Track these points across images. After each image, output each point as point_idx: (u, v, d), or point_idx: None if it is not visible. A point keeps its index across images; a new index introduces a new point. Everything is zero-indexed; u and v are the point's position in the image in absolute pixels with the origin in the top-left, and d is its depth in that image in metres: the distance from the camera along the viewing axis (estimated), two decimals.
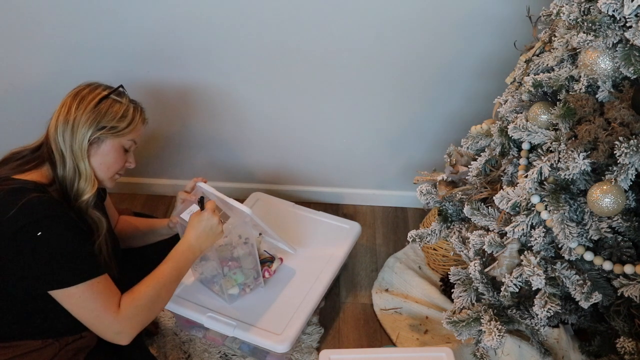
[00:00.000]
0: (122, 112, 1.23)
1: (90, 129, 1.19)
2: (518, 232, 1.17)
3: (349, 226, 1.79)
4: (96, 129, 1.20)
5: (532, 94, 1.24)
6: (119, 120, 1.22)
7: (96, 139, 1.21)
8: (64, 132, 1.19)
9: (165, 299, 1.27)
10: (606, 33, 1.02)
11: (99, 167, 1.24)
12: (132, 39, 1.70)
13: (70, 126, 1.18)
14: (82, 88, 1.23)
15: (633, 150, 0.98)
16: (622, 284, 1.11)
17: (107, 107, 1.21)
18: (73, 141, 1.19)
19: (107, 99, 1.22)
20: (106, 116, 1.21)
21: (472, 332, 1.30)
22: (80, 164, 1.20)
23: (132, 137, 1.27)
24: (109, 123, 1.21)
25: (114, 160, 1.26)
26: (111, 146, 1.24)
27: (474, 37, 1.65)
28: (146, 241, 1.54)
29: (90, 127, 1.19)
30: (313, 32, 1.65)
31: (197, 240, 1.31)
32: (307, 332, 1.63)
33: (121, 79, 1.76)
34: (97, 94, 1.22)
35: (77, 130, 1.19)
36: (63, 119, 1.19)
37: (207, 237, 1.32)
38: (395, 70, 1.74)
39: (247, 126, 1.92)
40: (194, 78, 1.79)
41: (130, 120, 1.24)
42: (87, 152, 1.21)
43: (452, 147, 1.53)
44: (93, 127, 1.19)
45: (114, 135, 1.22)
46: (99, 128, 1.20)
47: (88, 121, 1.19)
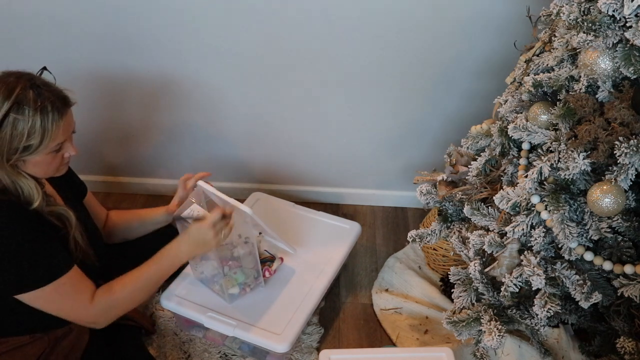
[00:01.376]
0: (28, 129, 1.07)
1: (3, 156, 1.09)
2: (518, 232, 1.17)
3: (349, 226, 1.79)
4: (10, 155, 1.09)
5: (532, 94, 1.24)
6: (28, 139, 1.08)
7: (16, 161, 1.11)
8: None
9: (141, 298, 1.28)
10: (606, 33, 1.02)
11: (36, 172, 1.16)
12: (140, 35, 1.70)
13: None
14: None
15: (633, 150, 0.98)
16: (622, 284, 1.11)
17: (11, 130, 1.07)
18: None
19: (7, 118, 1.06)
20: (12, 141, 1.07)
21: (472, 332, 1.30)
22: (15, 179, 1.12)
23: (55, 143, 1.13)
24: (19, 145, 1.08)
25: (48, 163, 1.16)
26: (37, 160, 1.13)
27: (474, 37, 1.65)
28: (142, 232, 1.53)
29: (2, 155, 1.08)
30: (313, 32, 1.65)
31: (188, 248, 1.31)
32: (307, 332, 1.63)
33: (122, 77, 1.78)
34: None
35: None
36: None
37: (198, 248, 1.32)
38: (395, 70, 1.74)
39: (247, 126, 1.92)
40: (195, 78, 1.79)
41: (42, 134, 1.09)
42: (16, 170, 1.12)
43: (452, 147, 1.53)
44: (5, 154, 1.09)
45: (31, 154, 1.11)
46: (12, 153, 1.09)
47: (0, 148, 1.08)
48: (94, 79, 1.79)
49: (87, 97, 1.82)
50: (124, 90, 1.83)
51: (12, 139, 1.07)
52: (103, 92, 1.83)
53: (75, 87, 1.18)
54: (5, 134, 1.07)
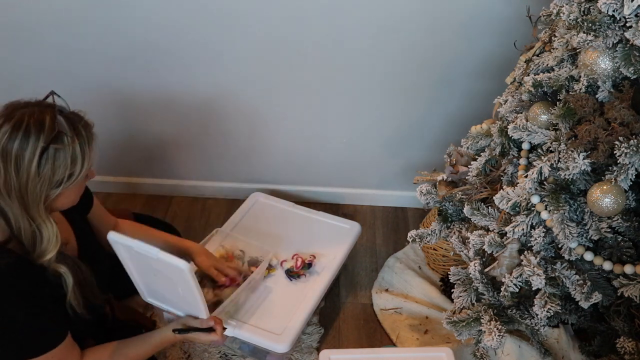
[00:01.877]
0: (71, 157, 1.02)
1: (42, 195, 1.03)
2: (518, 232, 1.17)
3: (349, 226, 1.79)
4: (51, 189, 1.04)
5: (532, 94, 1.24)
6: (72, 166, 1.03)
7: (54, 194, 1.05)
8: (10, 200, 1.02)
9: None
10: (606, 33, 1.02)
11: (65, 204, 1.11)
12: (127, 37, 1.69)
13: (15, 194, 1.01)
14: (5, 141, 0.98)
15: (633, 150, 0.98)
16: (622, 284, 1.11)
17: (52, 163, 1.01)
18: (27, 208, 1.03)
19: (47, 152, 1.00)
20: (55, 174, 1.02)
21: (472, 332, 1.30)
22: (41, 225, 1.05)
23: (89, 165, 1.08)
24: (62, 175, 1.03)
25: (79, 190, 1.13)
26: (72, 189, 1.08)
27: (474, 37, 1.65)
28: None
29: (42, 193, 1.03)
30: (312, 31, 1.65)
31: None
32: (307, 332, 1.63)
33: (116, 79, 1.78)
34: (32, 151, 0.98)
35: (28, 198, 1.02)
36: (3, 186, 1.00)
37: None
38: (395, 71, 1.74)
39: (247, 126, 1.92)
40: (193, 78, 1.79)
41: (82, 158, 1.05)
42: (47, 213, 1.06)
43: (452, 147, 1.53)
44: (45, 191, 1.03)
45: (72, 182, 1.06)
46: (55, 186, 1.04)
47: (37, 189, 1.02)
48: (97, 86, 1.79)
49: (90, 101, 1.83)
50: (127, 96, 1.83)
51: (54, 173, 1.02)
52: (109, 99, 1.83)
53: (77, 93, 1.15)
54: (46, 170, 1.01)
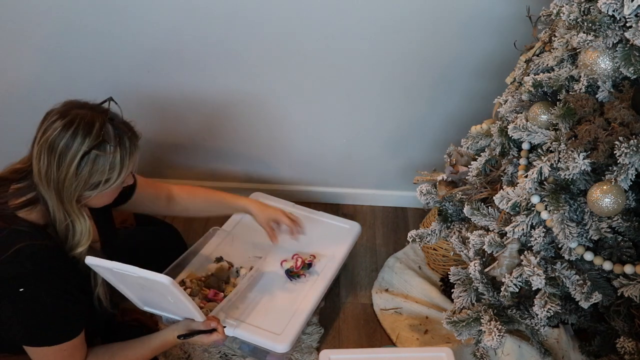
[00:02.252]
0: (109, 165, 1.07)
1: (76, 194, 1.08)
2: (518, 232, 1.17)
3: (349, 226, 1.79)
4: (85, 190, 1.09)
5: (532, 94, 1.24)
6: (109, 173, 1.08)
7: (89, 196, 1.10)
8: (49, 190, 1.07)
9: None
10: (606, 33, 1.02)
11: (97, 203, 1.16)
12: (135, 38, 1.69)
13: (54, 186, 1.07)
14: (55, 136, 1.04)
15: (633, 150, 0.98)
16: (622, 284, 1.11)
17: (91, 167, 1.06)
18: (62, 201, 1.08)
19: (88, 155, 1.05)
20: (92, 177, 1.07)
21: (472, 332, 1.30)
22: (74, 219, 1.10)
23: (127, 175, 1.13)
24: (98, 180, 1.08)
25: (112, 194, 1.17)
26: (107, 193, 1.13)
27: (474, 37, 1.65)
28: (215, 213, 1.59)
29: (77, 192, 1.08)
30: (312, 31, 1.65)
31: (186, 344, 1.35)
32: (307, 332, 1.63)
33: (121, 79, 1.78)
34: (75, 151, 1.04)
35: (64, 193, 1.07)
36: (45, 175, 1.06)
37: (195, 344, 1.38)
38: (395, 70, 1.74)
39: (247, 126, 1.92)
40: (193, 78, 1.79)
41: (121, 168, 1.10)
42: (80, 209, 1.11)
43: (452, 147, 1.53)
44: (80, 191, 1.08)
45: (107, 188, 1.11)
46: (90, 189, 1.09)
47: (72, 187, 1.07)
48: (98, 87, 1.79)
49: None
50: (127, 96, 1.83)
51: (90, 177, 1.07)
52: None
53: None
54: (85, 172, 1.06)
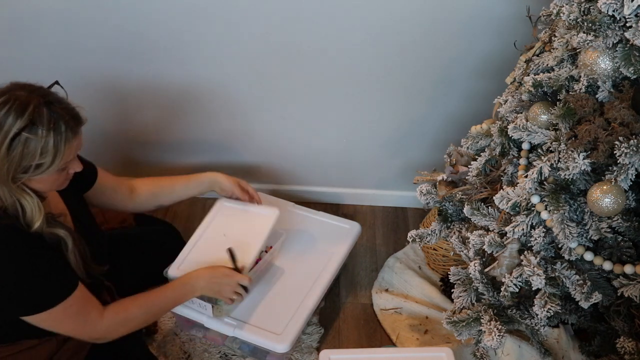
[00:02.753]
0: (41, 148, 1.05)
1: (10, 175, 1.06)
2: (518, 232, 1.17)
3: (349, 226, 1.79)
4: (17, 174, 1.07)
5: (532, 94, 1.24)
6: (39, 159, 1.06)
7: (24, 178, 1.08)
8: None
9: (151, 321, 1.30)
10: (606, 33, 1.02)
11: (40, 188, 1.14)
12: (129, 35, 1.69)
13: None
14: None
15: (633, 150, 0.98)
16: (622, 284, 1.11)
17: (22, 149, 1.04)
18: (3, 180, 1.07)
19: (19, 137, 1.03)
20: (23, 159, 1.05)
21: (472, 332, 1.30)
22: (19, 197, 1.09)
23: (65, 161, 1.11)
24: (29, 163, 1.06)
25: (54, 180, 1.15)
26: (43, 178, 1.11)
27: (474, 37, 1.65)
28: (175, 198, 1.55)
29: (10, 174, 1.06)
30: (312, 31, 1.65)
31: (205, 286, 1.35)
32: (307, 332, 1.63)
33: (118, 77, 1.78)
34: (7, 131, 1.03)
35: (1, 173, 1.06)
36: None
37: (211, 292, 1.37)
38: (395, 70, 1.74)
39: (247, 126, 1.92)
40: (192, 77, 1.79)
41: (54, 154, 1.07)
42: (20, 188, 1.09)
43: (452, 147, 1.53)
44: (12, 173, 1.06)
45: (40, 173, 1.09)
46: (21, 172, 1.07)
47: (5, 168, 1.05)
48: (98, 87, 1.79)
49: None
50: (126, 96, 1.83)
51: (22, 159, 1.05)
52: (109, 100, 1.83)
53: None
54: (15, 153, 1.04)
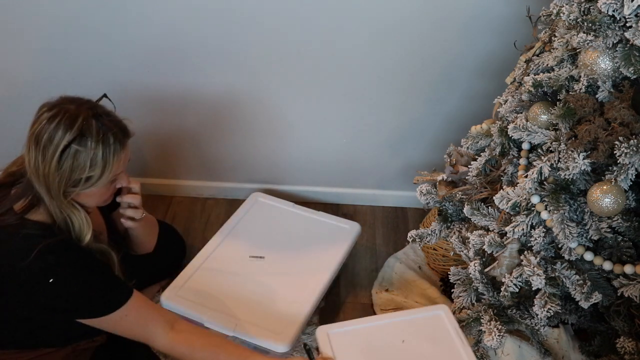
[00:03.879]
0: (90, 161, 1.07)
1: (61, 189, 1.08)
2: (518, 232, 1.17)
3: (349, 226, 1.79)
4: (69, 187, 1.09)
5: (532, 94, 1.24)
6: (91, 170, 1.08)
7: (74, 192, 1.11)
8: (40, 185, 1.09)
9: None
10: (606, 33, 1.02)
11: (87, 202, 1.16)
12: (131, 36, 1.69)
13: (42, 180, 1.08)
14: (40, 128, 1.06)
15: (633, 150, 0.98)
16: (622, 284, 1.11)
17: (72, 162, 1.06)
18: (51, 196, 1.09)
19: (69, 149, 1.06)
20: (73, 172, 1.07)
21: (472, 332, 1.30)
22: (70, 214, 1.12)
23: (114, 174, 1.14)
24: (79, 176, 1.08)
25: (102, 194, 1.17)
26: (92, 191, 1.13)
27: (474, 37, 1.65)
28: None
29: (61, 188, 1.08)
30: (312, 31, 1.65)
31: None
32: (307, 332, 1.63)
33: (118, 77, 1.78)
34: (57, 144, 1.05)
35: (51, 188, 1.08)
36: (34, 169, 1.08)
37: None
38: (395, 70, 1.74)
39: (247, 126, 1.92)
40: (193, 78, 1.79)
41: (103, 166, 1.09)
42: (70, 203, 1.12)
43: (452, 147, 1.53)
44: (63, 187, 1.09)
45: (90, 186, 1.11)
46: (72, 185, 1.09)
47: (56, 182, 1.07)
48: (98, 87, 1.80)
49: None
50: (126, 96, 1.83)
51: (72, 171, 1.07)
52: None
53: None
54: (66, 166, 1.06)
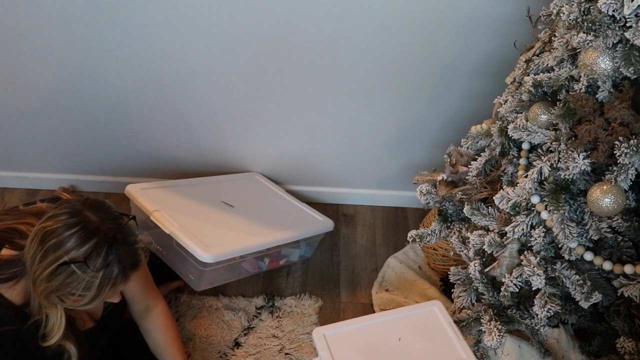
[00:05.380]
0: (85, 285, 1.01)
1: (44, 295, 1.02)
2: (518, 232, 1.17)
3: (323, 219, 1.86)
4: (54, 296, 1.03)
5: (532, 94, 1.24)
6: (83, 291, 1.02)
7: (56, 302, 1.04)
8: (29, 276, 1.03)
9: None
10: (606, 33, 1.02)
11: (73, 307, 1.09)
12: (127, 35, 1.69)
13: (32, 276, 1.02)
14: (54, 229, 1.00)
15: (633, 150, 0.98)
16: (622, 284, 1.11)
17: (64, 279, 1.00)
18: (36, 291, 1.03)
19: (67, 266, 0.99)
20: (63, 288, 1.01)
21: (472, 332, 1.30)
22: (47, 312, 1.06)
23: (106, 299, 1.08)
24: (69, 292, 1.02)
25: (89, 308, 1.10)
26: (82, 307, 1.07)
27: (474, 37, 1.65)
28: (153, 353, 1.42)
29: (44, 294, 1.02)
30: (313, 30, 1.65)
31: None
32: (306, 331, 1.63)
33: (120, 76, 1.78)
34: (58, 256, 0.99)
35: (37, 287, 1.02)
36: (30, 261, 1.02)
37: None
38: (395, 70, 1.74)
39: (247, 126, 1.92)
40: (191, 76, 1.79)
41: (97, 293, 1.03)
42: (53, 304, 1.05)
43: (452, 147, 1.53)
44: (48, 294, 1.02)
45: (79, 304, 1.05)
46: (59, 297, 1.03)
47: (42, 287, 1.01)
48: (99, 86, 1.79)
49: (91, 102, 1.83)
50: (126, 96, 1.83)
51: (62, 286, 1.01)
52: (109, 99, 1.83)
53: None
54: (58, 280, 1.00)
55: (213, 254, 1.44)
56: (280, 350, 1.58)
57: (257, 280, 1.80)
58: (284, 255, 1.77)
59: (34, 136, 1.93)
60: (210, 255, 1.43)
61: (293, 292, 1.77)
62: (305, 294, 1.75)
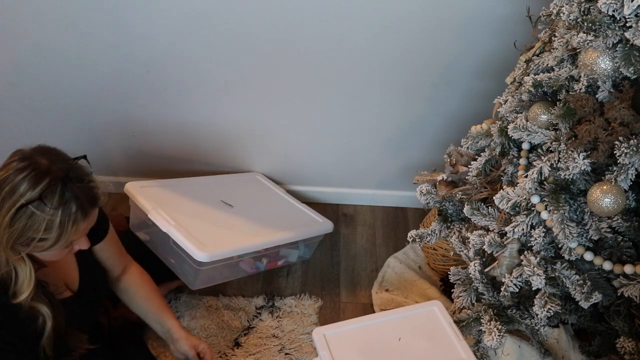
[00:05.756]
0: (45, 225, 1.01)
1: (9, 244, 1.02)
2: (518, 232, 1.17)
3: (322, 220, 1.85)
4: (18, 244, 1.03)
5: (532, 94, 1.24)
6: (45, 233, 1.02)
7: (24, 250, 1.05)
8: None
9: None
10: (606, 33, 1.02)
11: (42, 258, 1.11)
12: (128, 37, 1.70)
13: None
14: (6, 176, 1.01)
15: (633, 150, 0.98)
16: (622, 284, 1.11)
17: (25, 222, 1.00)
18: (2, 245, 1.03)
19: (25, 209, 1.00)
20: (26, 232, 1.02)
21: (472, 332, 1.30)
22: (16, 266, 1.06)
23: (71, 241, 1.09)
24: (32, 236, 1.02)
25: (56, 255, 1.12)
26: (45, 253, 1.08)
27: (474, 37, 1.65)
28: (143, 317, 1.43)
29: (9, 244, 1.02)
30: (312, 30, 1.65)
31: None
32: (306, 331, 1.63)
33: (120, 75, 1.78)
34: (15, 200, 0.99)
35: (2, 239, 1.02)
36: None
37: None
38: (395, 70, 1.74)
39: (246, 126, 1.92)
40: (191, 76, 1.79)
41: (60, 233, 1.03)
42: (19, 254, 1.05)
43: (452, 147, 1.53)
44: (12, 243, 1.02)
45: (43, 250, 1.06)
46: (23, 244, 1.03)
47: (5, 237, 1.01)
48: (99, 86, 1.79)
49: (91, 102, 1.83)
50: (127, 96, 1.83)
51: (24, 231, 1.02)
52: (109, 99, 1.83)
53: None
54: (19, 225, 1.01)
55: (209, 253, 1.44)
56: (280, 350, 1.58)
57: (257, 280, 1.80)
58: (282, 256, 1.77)
59: (33, 136, 1.93)
60: (206, 254, 1.43)
61: (293, 292, 1.77)
62: (305, 294, 1.75)
